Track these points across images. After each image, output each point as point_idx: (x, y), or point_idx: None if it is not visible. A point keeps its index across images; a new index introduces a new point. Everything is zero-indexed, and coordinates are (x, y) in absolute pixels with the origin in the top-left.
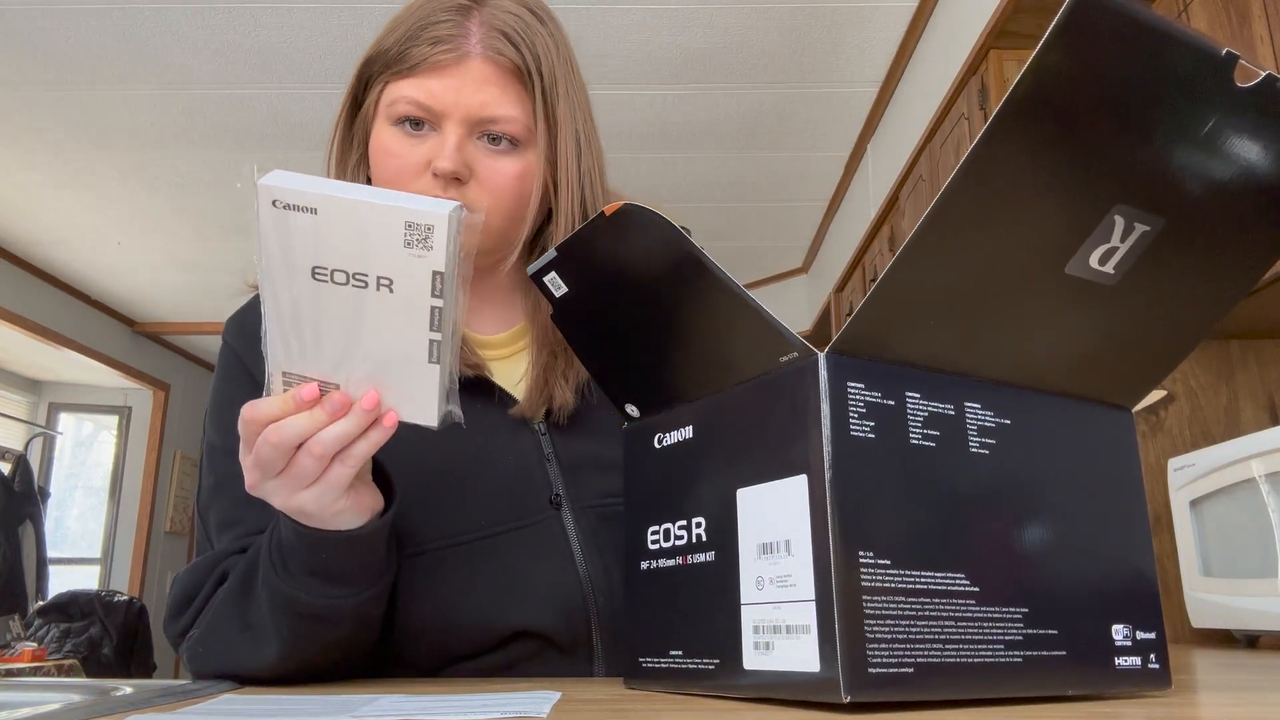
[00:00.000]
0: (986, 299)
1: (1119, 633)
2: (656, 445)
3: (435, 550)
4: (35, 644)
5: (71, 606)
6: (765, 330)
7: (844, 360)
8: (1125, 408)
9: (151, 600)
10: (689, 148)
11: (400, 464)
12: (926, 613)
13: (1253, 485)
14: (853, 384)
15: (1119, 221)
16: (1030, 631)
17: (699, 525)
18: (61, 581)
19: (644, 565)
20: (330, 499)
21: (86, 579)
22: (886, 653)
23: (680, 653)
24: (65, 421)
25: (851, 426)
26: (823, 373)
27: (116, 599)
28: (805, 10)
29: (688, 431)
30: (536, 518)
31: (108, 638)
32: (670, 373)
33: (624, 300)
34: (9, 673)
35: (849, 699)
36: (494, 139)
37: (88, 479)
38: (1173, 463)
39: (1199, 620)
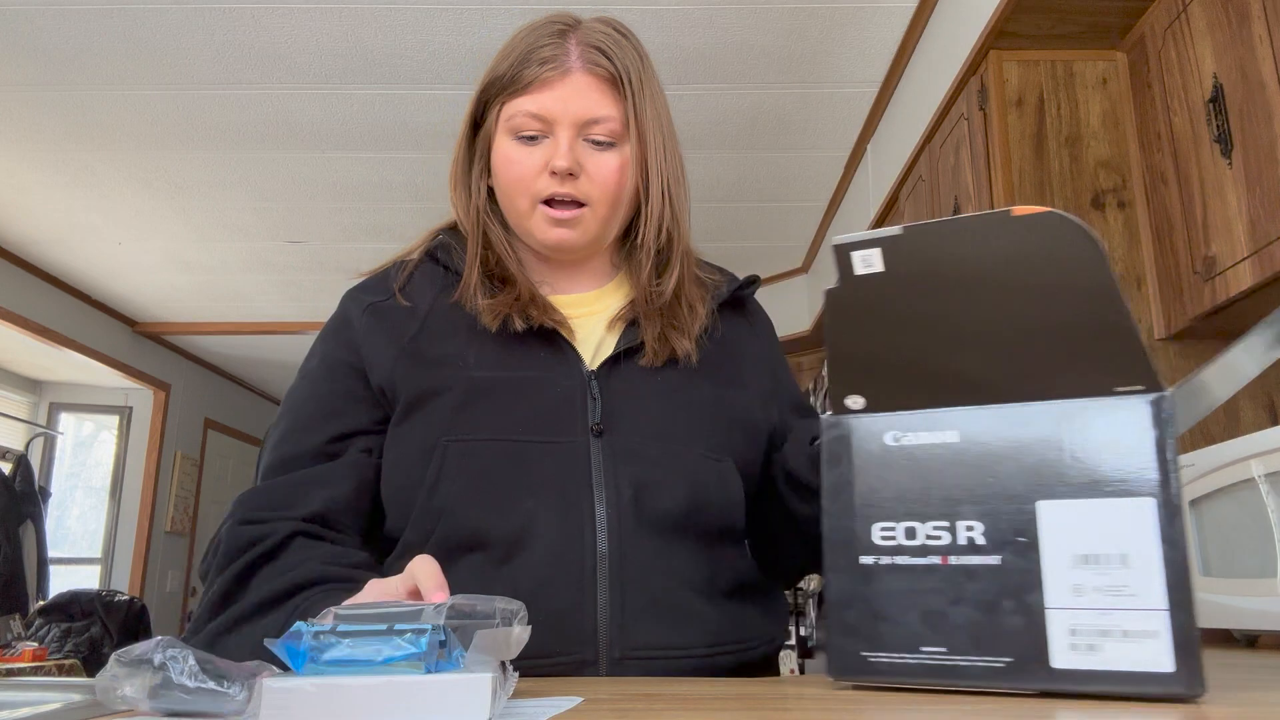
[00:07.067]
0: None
1: None
2: (890, 442)
3: (472, 442)
4: (36, 644)
5: (72, 606)
6: (1130, 358)
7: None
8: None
9: (152, 600)
10: (689, 148)
11: (456, 375)
12: None
13: (1252, 485)
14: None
15: None
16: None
17: (970, 529)
18: (62, 581)
19: (865, 560)
20: None
21: (87, 579)
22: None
23: (944, 649)
24: (66, 421)
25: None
26: (1166, 409)
27: (117, 599)
28: (805, 10)
29: (950, 435)
30: (569, 439)
31: (108, 638)
32: (950, 376)
33: (947, 296)
34: (9, 672)
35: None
36: (597, 141)
37: (88, 479)
38: None
39: (1199, 620)
